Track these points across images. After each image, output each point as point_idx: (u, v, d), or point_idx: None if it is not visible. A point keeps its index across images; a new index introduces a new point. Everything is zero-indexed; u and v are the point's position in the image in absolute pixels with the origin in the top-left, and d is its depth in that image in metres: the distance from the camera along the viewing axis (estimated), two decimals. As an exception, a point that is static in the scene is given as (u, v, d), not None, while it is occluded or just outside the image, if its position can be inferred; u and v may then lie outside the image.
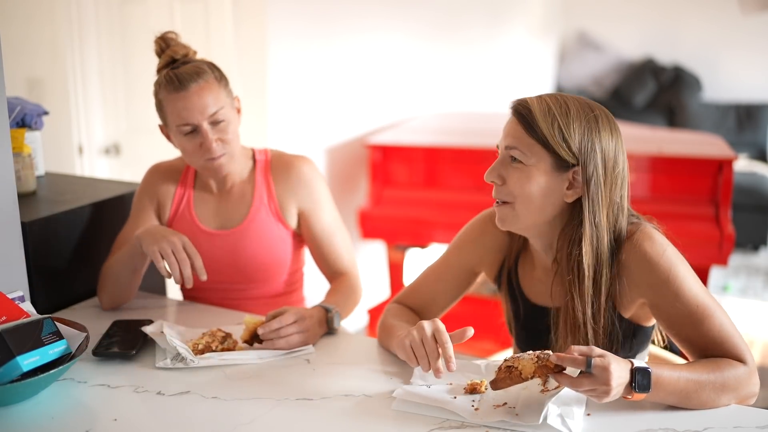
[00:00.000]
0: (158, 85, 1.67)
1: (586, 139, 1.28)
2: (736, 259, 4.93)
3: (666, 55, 6.55)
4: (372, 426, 1.22)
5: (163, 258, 1.53)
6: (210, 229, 1.77)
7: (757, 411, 1.24)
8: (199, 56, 1.77)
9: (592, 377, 1.13)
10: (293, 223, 1.78)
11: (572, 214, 1.32)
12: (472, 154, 3.40)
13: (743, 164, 5.39)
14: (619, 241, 1.33)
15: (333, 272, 1.82)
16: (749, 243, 5.04)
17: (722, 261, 2.97)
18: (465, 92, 5.01)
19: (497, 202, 1.35)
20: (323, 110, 3.50)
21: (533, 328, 1.47)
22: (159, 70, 1.71)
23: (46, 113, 2.11)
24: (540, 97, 1.32)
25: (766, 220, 4.91)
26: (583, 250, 1.29)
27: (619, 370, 1.14)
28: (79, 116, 3.37)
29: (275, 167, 1.78)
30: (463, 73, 4.97)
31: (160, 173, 1.82)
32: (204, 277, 1.55)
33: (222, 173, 1.71)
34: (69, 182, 2.13)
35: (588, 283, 1.31)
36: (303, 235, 1.81)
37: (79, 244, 1.83)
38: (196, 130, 1.64)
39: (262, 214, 1.75)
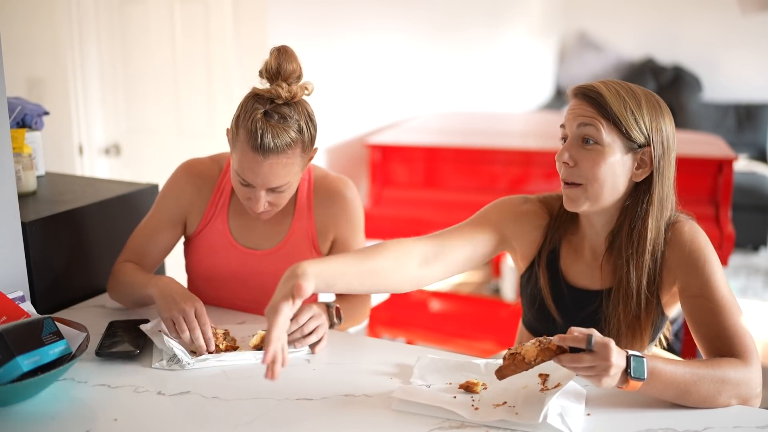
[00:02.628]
0: (244, 118, 1.49)
1: (654, 120, 1.35)
2: (736, 259, 4.93)
3: (666, 55, 6.56)
4: (372, 426, 1.23)
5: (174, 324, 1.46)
6: (243, 246, 1.71)
7: (757, 411, 1.24)
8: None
9: (592, 354, 1.14)
10: (326, 249, 1.74)
11: (636, 192, 1.38)
12: (472, 154, 3.40)
13: (743, 164, 5.39)
14: (668, 223, 1.39)
15: None
16: (749, 243, 5.04)
17: (722, 261, 2.97)
18: (465, 92, 5.01)
19: (566, 184, 1.37)
20: (323, 110, 3.48)
21: (574, 311, 1.48)
22: (255, 94, 1.51)
23: (46, 113, 2.11)
24: (604, 82, 1.37)
25: (766, 220, 4.91)
26: (649, 225, 1.36)
27: (616, 355, 1.15)
28: (79, 116, 3.37)
29: (318, 191, 1.71)
30: (463, 73, 4.97)
31: (193, 177, 1.71)
32: (212, 348, 1.46)
33: (260, 221, 1.66)
34: (69, 182, 2.13)
35: (647, 257, 1.37)
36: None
37: (79, 244, 1.83)
38: (251, 186, 1.54)
39: (298, 239, 1.70)
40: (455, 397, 1.29)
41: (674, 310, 1.46)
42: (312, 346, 1.49)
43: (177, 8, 3.20)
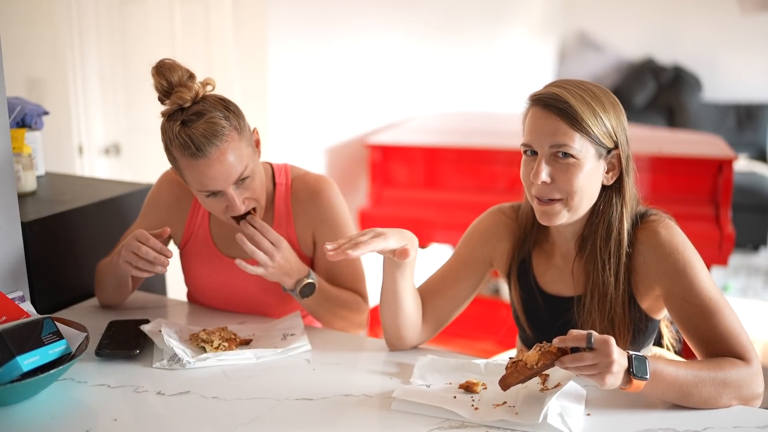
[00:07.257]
0: (170, 140, 1.47)
1: (617, 121, 1.33)
2: (736, 259, 4.93)
3: (666, 55, 6.56)
4: (372, 426, 1.23)
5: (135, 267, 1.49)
6: (227, 255, 1.67)
7: (757, 411, 1.24)
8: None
9: (593, 351, 1.14)
10: (310, 252, 1.70)
11: (606, 195, 1.36)
12: (472, 154, 3.41)
13: (743, 164, 5.39)
14: (636, 221, 1.38)
15: None
16: (749, 243, 5.04)
17: (722, 261, 2.97)
18: (465, 92, 5.02)
19: (544, 200, 1.33)
20: (323, 110, 3.50)
21: (549, 318, 1.47)
22: (166, 116, 1.49)
23: (46, 113, 2.11)
24: (564, 87, 1.31)
25: (766, 220, 4.91)
26: (626, 227, 1.35)
27: (618, 352, 1.14)
28: (79, 116, 3.37)
29: (296, 193, 1.66)
30: (463, 73, 4.97)
31: (173, 187, 1.70)
32: (169, 255, 1.49)
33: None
34: (69, 182, 2.13)
35: (623, 258, 1.35)
36: (316, 261, 1.69)
37: (79, 244, 1.83)
38: (220, 194, 1.50)
39: None
40: (455, 397, 1.29)
41: (662, 313, 1.44)
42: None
43: (177, 8, 3.19)
